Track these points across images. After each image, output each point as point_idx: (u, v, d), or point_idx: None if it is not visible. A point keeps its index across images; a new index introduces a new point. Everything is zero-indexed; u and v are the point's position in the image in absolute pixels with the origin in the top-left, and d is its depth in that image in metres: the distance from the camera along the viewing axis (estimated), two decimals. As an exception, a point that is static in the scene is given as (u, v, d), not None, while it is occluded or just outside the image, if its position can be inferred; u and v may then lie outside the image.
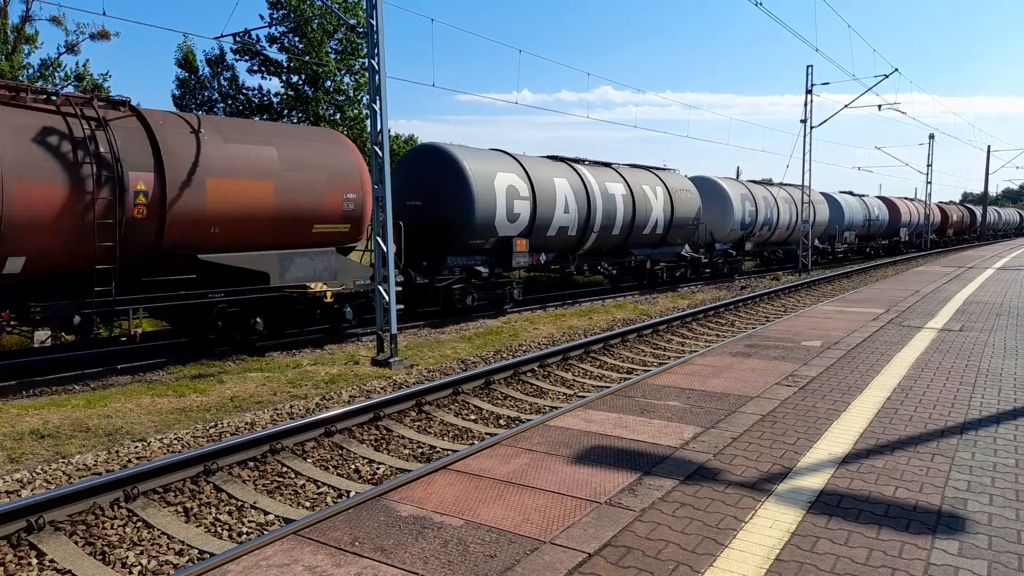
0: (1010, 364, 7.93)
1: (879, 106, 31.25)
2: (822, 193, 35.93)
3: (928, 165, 50.55)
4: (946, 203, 58.70)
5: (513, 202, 16.21)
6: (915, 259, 39.73)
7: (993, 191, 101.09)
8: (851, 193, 39.18)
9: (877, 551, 3.52)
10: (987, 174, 63.53)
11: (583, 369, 10.79)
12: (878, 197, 44.15)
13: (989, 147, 73.98)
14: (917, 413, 5.94)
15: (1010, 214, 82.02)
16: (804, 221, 30.19)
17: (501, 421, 8.24)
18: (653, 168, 23.04)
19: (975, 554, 3.49)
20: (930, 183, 50.36)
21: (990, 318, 11.57)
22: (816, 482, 4.43)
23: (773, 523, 3.84)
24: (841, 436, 5.34)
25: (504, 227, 16.19)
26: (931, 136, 50.65)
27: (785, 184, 32.67)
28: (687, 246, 24.02)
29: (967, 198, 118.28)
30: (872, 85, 29.17)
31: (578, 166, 19.49)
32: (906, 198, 49.06)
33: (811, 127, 30.22)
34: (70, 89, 27.69)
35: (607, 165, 20.87)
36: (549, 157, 19.06)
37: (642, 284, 22.80)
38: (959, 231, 59.88)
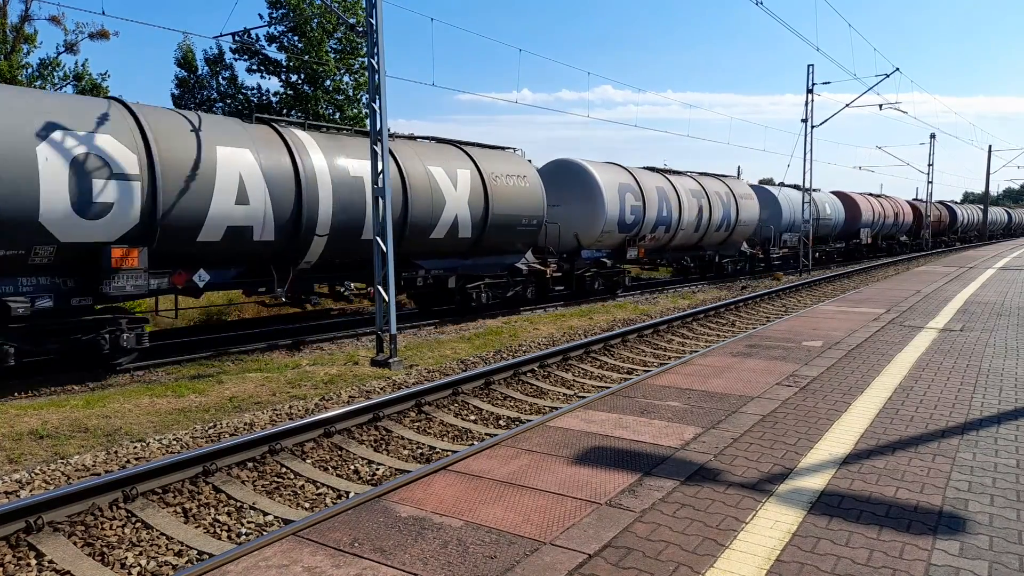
0: (1011, 364, 7.91)
1: (880, 105, 31.22)
2: (753, 185, 30.09)
3: (929, 165, 50.53)
4: (920, 200, 51.89)
5: (93, 183, 9.62)
6: (914, 260, 39.56)
7: (994, 191, 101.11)
8: (795, 187, 33.43)
9: (878, 552, 3.51)
10: (988, 174, 63.53)
11: (583, 369, 10.77)
12: (834, 192, 38.30)
13: (990, 147, 73.88)
14: (918, 413, 5.93)
15: (997, 213, 75.83)
16: (806, 221, 30.14)
17: (501, 422, 8.23)
18: (462, 143, 16.42)
19: (976, 555, 3.48)
20: (931, 183, 50.33)
21: (991, 318, 11.56)
22: (817, 482, 4.42)
23: (774, 524, 3.83)
24: (842, 436, 5.32)
25: (74, 226, 9.50)
26: (932, 136, 50.67)
27: (707, 174, 26.14)
28: (529, 254, 17.66)
29: (968, 198, 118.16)
30: (873, 84, 29.18)
31: (288, 131, 12.55)
32: (870, 194, 42.56)
33: (812, 127, 30.19)
34: (69, 89, 27.72)
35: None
36: (233, 114, 12.93)
37: (455, 309, 16.16)
38: (937, 232, 53.32)
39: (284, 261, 12.36)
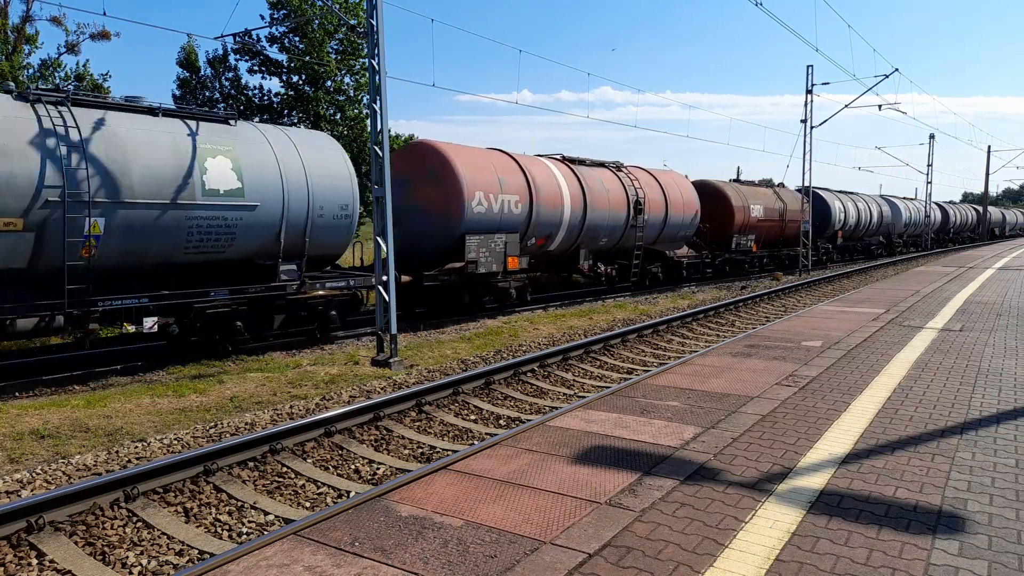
0: (1010, 364, 7.92)
1: (879, 106, 31.24)
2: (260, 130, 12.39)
3: (928, 165, 50.56)
4: (743, 182, 28.89)
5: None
6: (914, 260, 39.33)
7: (994, 191, 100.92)
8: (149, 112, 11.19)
9: (877, 551, 3.52)
10: (987, 174, 63.54)
11: (583, 369, 10.78)
12: (421, 142, 16.56)
13: (989, 147, 73.87)
14: (917, 413, 5.94)
15: (929, 211, 50.63)
16: (805, 220, 30.10)
17: (501, 421, 8.24)
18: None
19: (975, 554, 3.49)
20: (930, 183, 50.37)
21: (990, 318, 11.56)
22: (816, 482, 4.43)
23: (773, 523, 3.84)
24: (841, 436, 5.33)
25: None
26: (931, 136, 50.65)
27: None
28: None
29: (967, 198, 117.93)
30: (872, 85, 29.13)
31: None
32: (582, 161, 20.27)
33: (811, 127, 30.19)
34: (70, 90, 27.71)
35: None
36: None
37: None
38: (772, 240, 29.61)
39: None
